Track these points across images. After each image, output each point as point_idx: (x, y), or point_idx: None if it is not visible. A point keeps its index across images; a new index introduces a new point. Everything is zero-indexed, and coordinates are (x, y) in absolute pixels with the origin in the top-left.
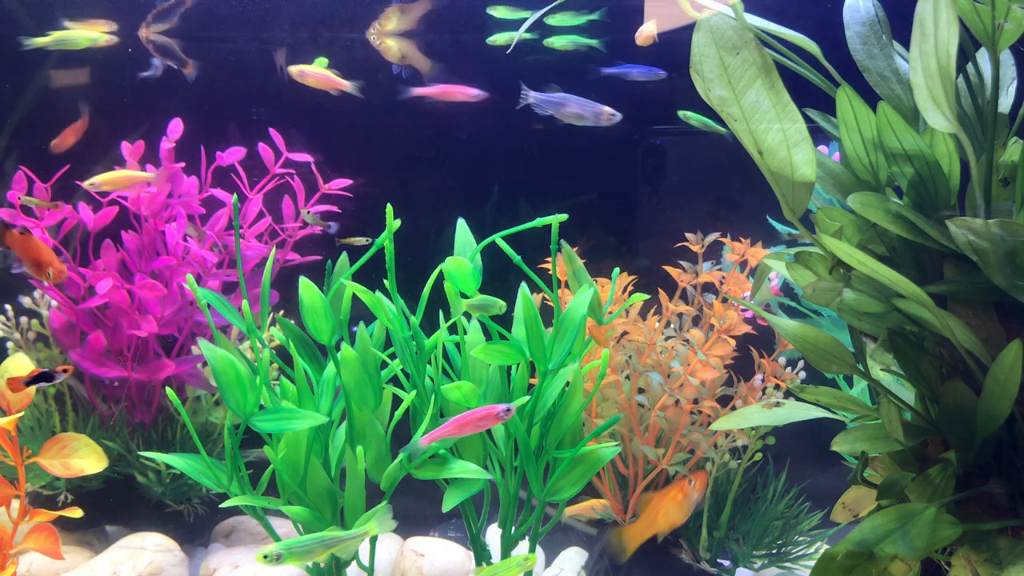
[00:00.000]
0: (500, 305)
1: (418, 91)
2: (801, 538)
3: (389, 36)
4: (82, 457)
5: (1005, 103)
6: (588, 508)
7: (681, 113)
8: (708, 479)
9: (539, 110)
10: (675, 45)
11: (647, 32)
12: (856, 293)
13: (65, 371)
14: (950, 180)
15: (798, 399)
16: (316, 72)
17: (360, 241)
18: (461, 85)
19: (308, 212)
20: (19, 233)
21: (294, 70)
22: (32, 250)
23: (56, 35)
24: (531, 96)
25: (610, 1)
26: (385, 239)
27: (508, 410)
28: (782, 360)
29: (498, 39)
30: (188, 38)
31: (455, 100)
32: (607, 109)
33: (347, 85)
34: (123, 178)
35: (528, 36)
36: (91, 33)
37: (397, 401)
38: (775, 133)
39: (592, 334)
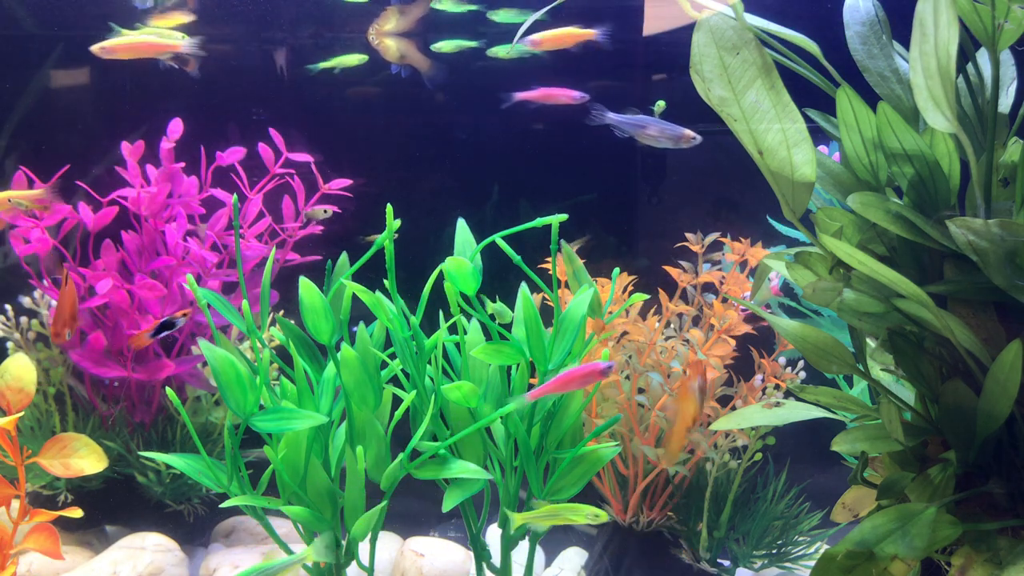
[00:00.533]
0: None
1: (521, 96)
2: (801, 538)
3: (388, 36)
4: (82, 457)
5: (1005, 103)
6: None
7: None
8: (701, 367)
9: (617, 132)
10: (675, 45)
11: (536, 39)
12: (856, 293)
13: (185, 315)
14: (950, 180)
15: (798, 399)
16: (125, 41)
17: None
18: (563, 88)
19: (324, 210)
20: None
21: (96, 48)
22: (65, 300)
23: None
24: (609, 117)
25: (610, 1)
26: (385, 239)
27: (610, 367)
28: (782, 360)
29: (444, 47)
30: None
31: (559, 103)
32: (687, 132)
33: (178, 45)
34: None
35: (475, 45)
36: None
37: (397, 401)
38: (775, 133)
39: (592, 328)
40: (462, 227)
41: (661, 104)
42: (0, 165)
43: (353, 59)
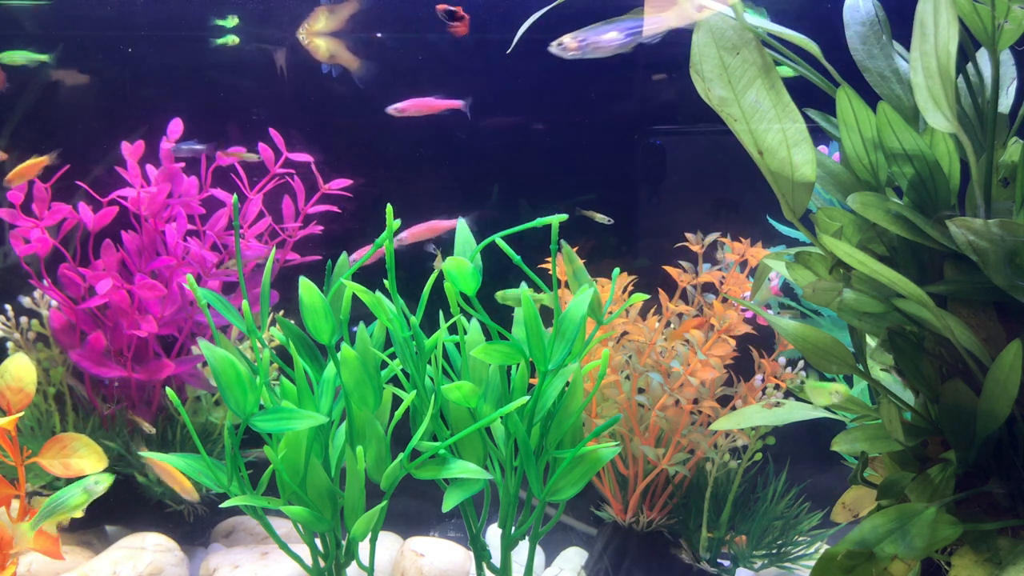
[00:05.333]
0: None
1: (393, 109)
2: (801, 538)
3: (318, 36)
4: (82, 457)
5: (1005, 103)
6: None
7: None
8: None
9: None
10: (675, 45)
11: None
12: (856, 293)
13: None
14: (950, 180)
15: (798, 399)
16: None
17: (601, 217)
18: (438, 98)
19: (606, 218)
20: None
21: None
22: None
23: None
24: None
25: (611, 1)
26: (385, 239)
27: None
28: (782, 360)
29: (9, 58)
30: (190, 38)
31: (435, 111)
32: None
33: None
34: None
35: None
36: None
37: (397, 401)
38: (775, 133)
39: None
40: (462, 227)
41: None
42: (0, 165)
43: None
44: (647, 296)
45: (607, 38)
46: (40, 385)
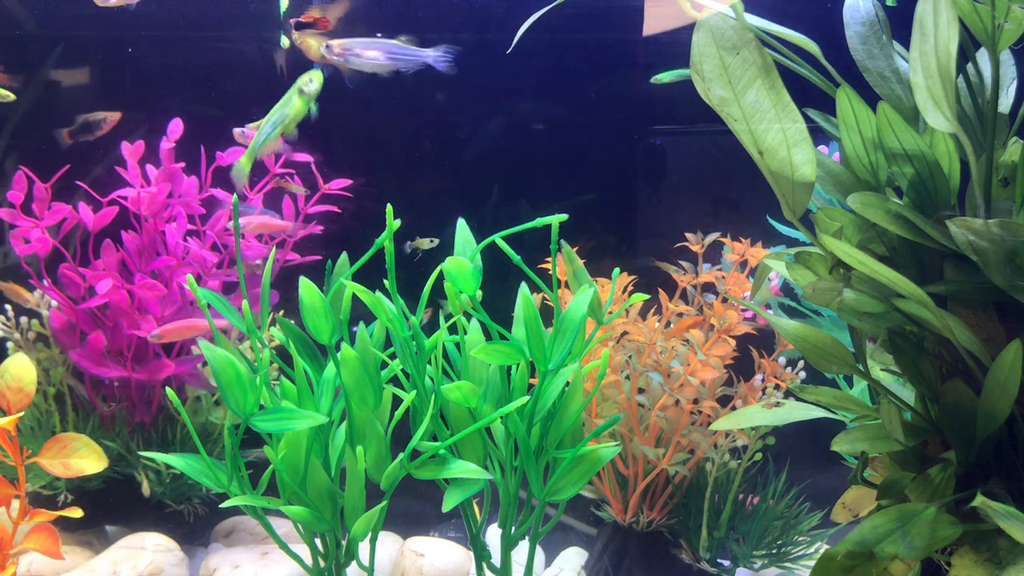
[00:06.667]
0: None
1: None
2: (801, 538)
3: (310, 36)
4: (82, 457)
5: (1005, 103)
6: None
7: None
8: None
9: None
10: (676, 45)
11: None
12: (856, 293)
13: None
14: (950, 180)
15: (798, 399)
16: None
17: (674, 270)
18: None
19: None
20: None
21: None
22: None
23: None
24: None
25: (610, 1)
26: (385, 239)
27: None
28: (782, 360)
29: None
30: (187, 38)
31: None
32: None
33: None
34: None
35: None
36: None
37: (397, 401)
38: (775, 133)
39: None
40: (462, 227)
41: None
42: (0, 165)
43: None
44: (647, 296)
45: (368, 54)
46: (40, 385)
